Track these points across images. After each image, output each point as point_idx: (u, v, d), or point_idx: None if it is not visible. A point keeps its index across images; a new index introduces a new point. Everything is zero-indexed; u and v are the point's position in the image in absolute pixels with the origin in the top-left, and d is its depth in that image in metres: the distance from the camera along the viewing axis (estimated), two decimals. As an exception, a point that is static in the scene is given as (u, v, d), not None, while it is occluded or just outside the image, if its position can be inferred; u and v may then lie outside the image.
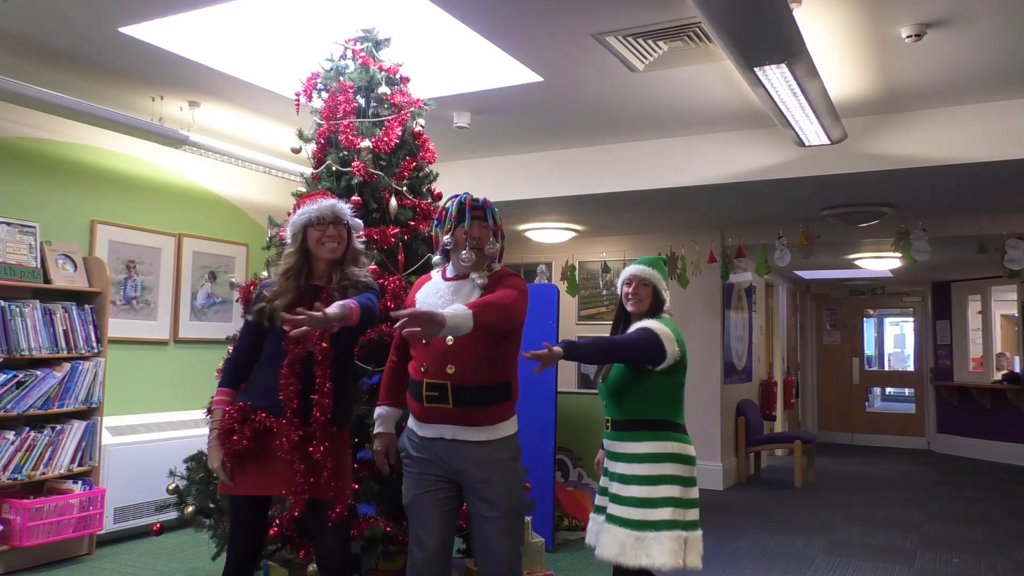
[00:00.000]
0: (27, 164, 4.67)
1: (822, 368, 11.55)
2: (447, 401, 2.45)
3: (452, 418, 2.47)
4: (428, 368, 2.47)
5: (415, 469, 2.55)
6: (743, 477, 7.75)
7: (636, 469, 2.70)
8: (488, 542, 2.46)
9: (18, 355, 4.20)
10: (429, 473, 2.52)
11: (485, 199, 2.62)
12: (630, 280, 2.89)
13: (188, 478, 3.47)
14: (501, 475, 2.49)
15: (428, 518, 2.51)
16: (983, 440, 9.62)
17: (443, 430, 2.49)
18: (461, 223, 2.54)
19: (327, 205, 2.63)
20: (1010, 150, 4.44)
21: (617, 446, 2.79)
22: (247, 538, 2.62)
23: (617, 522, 2.67)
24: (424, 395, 2.47)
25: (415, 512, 2.54)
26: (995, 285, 9.55)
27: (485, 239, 2.56)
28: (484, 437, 2.49)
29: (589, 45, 3.78)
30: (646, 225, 7.22)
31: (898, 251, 6.35)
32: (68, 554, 4.40)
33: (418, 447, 2.54)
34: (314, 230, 2.60)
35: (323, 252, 2.61)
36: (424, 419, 2.52)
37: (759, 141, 5.11)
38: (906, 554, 5.05)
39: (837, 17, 3.43)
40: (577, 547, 4.89)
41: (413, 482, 2.55)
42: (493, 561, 2.46)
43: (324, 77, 3.69)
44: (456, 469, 2.49)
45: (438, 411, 2.47)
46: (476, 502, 2.49)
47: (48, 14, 3.61)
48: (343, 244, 2.65)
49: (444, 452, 2.50)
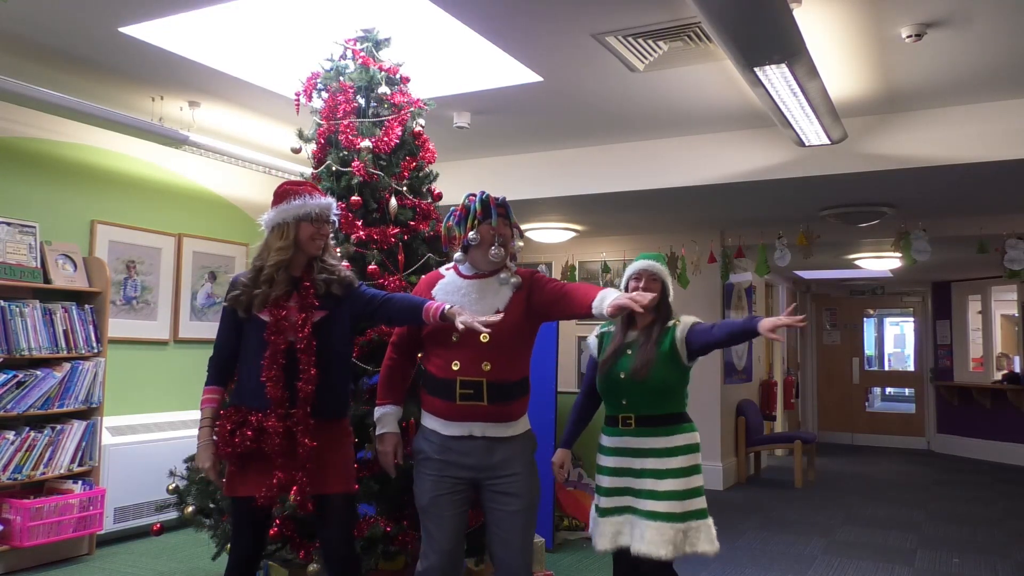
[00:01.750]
0: (27, 164, 4.67)
1: (822, 368, 11.55)
2: (482, 398, 2.46)
3: (485, 415, 2.48)
4: (462, 365, 2.47)
5: (433, 471, 2.52)
6: (743, 477, 7.75)
7: (671, 463, 2.71)
8: (510, 536, 2.48)
9: (18, 355, 4.20)
10: (448, 475, 2.50)
11: (504, 197, 2.62)
12: (639, 275, 2.83)
13: (188, 478, 3.47)
14: (525, 468, 2.54)
15: (446, 520, 2.50)
16: (983, 440, 9.62)
17: (473, 427, 2.49)
18: (488, 219, 2.54)
19: (327, 204, 2.63)
20: (1010, 150, 4.44)
21: (646, 442, 2.74)
22: (248, 539, 2.62)
23: (661, 518, 2.65)
24: (458, 393, 2.46)
25: (432, 514, 2.51)
26: (995, 285, 9.55)
27: (508, 237, 2.58)
28: (512, 432, 2.53)
29: (589, 45, 3.78)
30: (646, 225, 7.22)
31: (898, 251, 6.35)
32: (68, 554, 4.40)
33: (439, 448, 2.51)
34: (309, 226, 2.58)
35: (312, 248, 2.60)
36: (453, 417, 2.50)
37: (759, 141, 5.11)
38: (906, 554, 5.05)
39: (837, 17, 3.43)
40: (577, 547, 4.89)
41: (431, 484, 2.52)
42: (514, 555, 2.48)
43: (324, 77, 3.69)
44: (483, 466, 2.49)
45: (472, 409, 2.48)
46: (498, 497, 2.50)
47: (48, 14, 3.61)
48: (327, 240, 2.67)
49: (472, 450, 2.49)
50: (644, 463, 2.74)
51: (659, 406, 2.77)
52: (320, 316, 2.57)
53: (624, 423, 2.79)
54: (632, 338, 2.82)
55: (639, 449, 2.76)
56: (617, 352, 2.81)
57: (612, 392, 2.83)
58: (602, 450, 2.89)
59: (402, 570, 3.23)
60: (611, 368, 2.81)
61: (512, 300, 2.58)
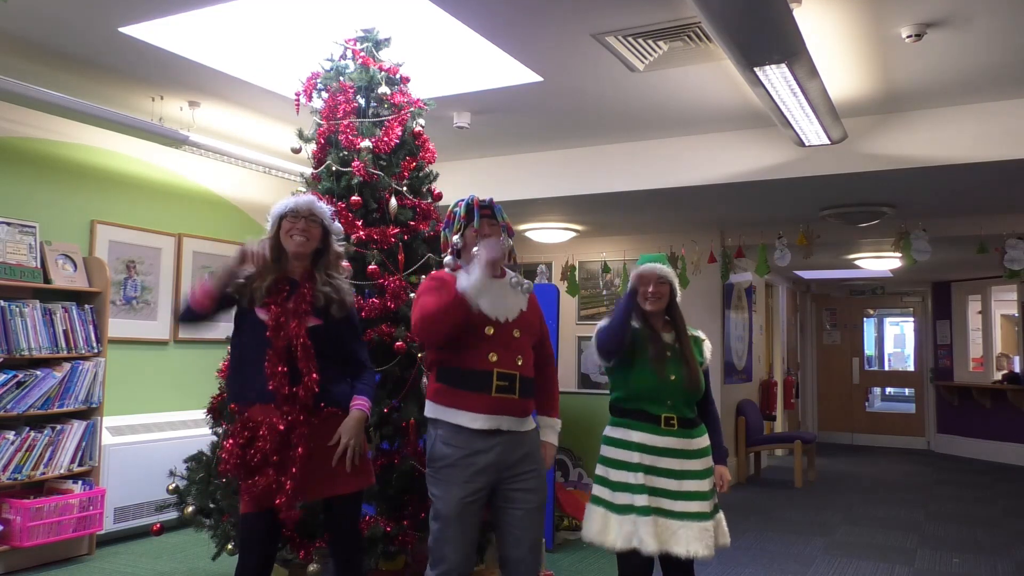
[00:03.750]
0: (27, 164, 4.67)
1: (822, 368, 11.55)
2: (515, 392, 2.51)
3: (514, 409, 2.53)
4: (499, 358, 2.50)
5: (459, 478, 2.48)
6: (743, 477, 7.75)
7: (701, 464, 2.79)
8: (526, 535, 2.52)
9: (18, 355, 4.20)
10: (473, 480, 2.48)
11: (491, 199, 2.66)
12: (647, 279, 2.80)
13: (188, 478, 3.47)
14: (540, 465, 2.61)
15: (469, 527, 2.49)
16: (983, 440, 9.62)
17: (502, 421, 2.51)
18: (470, 223, 2.59)
19: (304, 200, 2.66)
20: (1010, 150, 4.44)
21: (687, 443, 2.78)
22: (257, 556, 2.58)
23: (702, 518, 2.70)
24: (495, 384, 2.49)
25: (457, 521, 2.47)
26: (995, 285, 9.55)
27: (496, 236, 2.59)
28: (527, 427, 2.60)
29: (589, 45, 3.78)
30: (646, 225, 7.22)
31: (898, 251, 6.35)
32: (68, 554, 4.40)
33: (466, 452, 2.48)
34: (286, 221, 2.63)
35: (290, 244, 2.62)
36: (486, 410, 2.49)
37: (759, 141, 5.11)
38: (906, 554, 5.05)
39: (837, 17, 3.43)
40: (577, 547, 4.89)
41: (457, 490, 2.47)
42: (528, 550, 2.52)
43: (324, 77, 3.69)
44: (504, 465, 2.51)
45: (505, 402, 2.50)
46: (515, 494, 2.53)
47: (48, 14, 3.61)
48: (313, 241, 2.64)
49: (496, 447, 2.50)
50: (685, 464, 2.75)
51: (694, 410, 2.86)
52: (314, 323, 2.59)
53: (667, 423, 2.77)
54: (666, 341, 2.84)
55: (681, 450, 2.76)
56: (661, 354, 2.80)
57: (659, 392, 2.78)
58: (622, 444, 2.79)
59: (402, 570, 3.23)
60: (662, 370, 2.78)
61: (530, 305, 2.67)
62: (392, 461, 3.28)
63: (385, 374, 3.33)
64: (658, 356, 2.79)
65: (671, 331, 2.86)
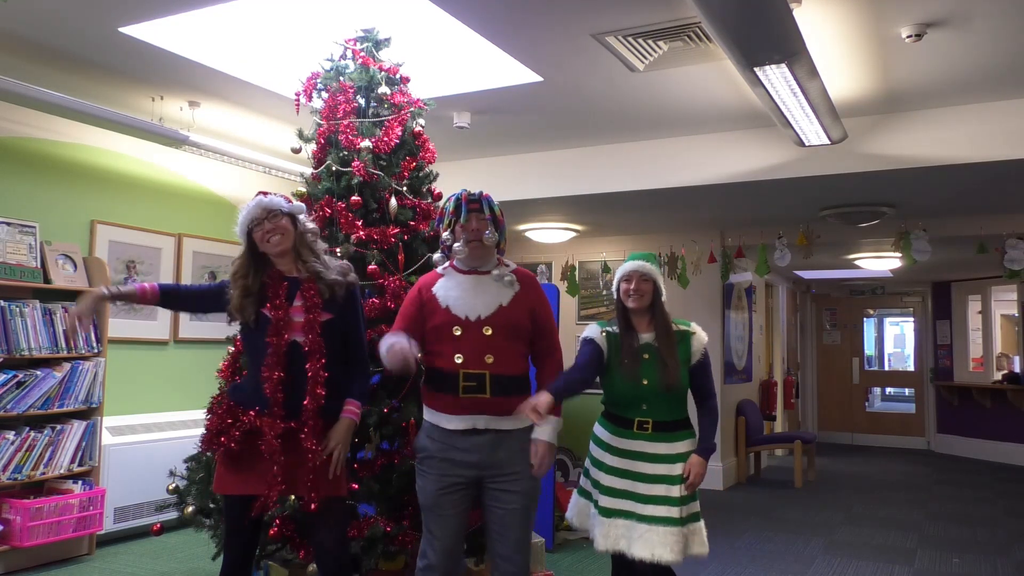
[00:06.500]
0: (27, 164, 4.67)
1: (822, 368, 11.54)
2: (485, 391, 2.50)
3: (488, 407, 2.51)
4: (465, 358, 2.49)
5: (436, 470, 2.54)
6: (743, 477, 7.75)
7: (677, 468, 2.75)
8: (509, 533, 2.51)
9: (18, 355, 4.20)
10: (451, 474, 2.52)
11: (482, 192, 2.67)
12: (629, 276, 2.85)
13: (188, 478, 3.47)
14: (526, 466, 2.56)
15: (448, 518, 2.52)
16: (983, 440, 9.62)
17: (476, 420, 2.51)
18: (458, 218, 2.60)
19: (253, 204, 2.61)
20: (1010, 150, 4.44)
21: (659, 447, 2.77)
22: (239, 538, 2.62)
23: (668, 523, 2.68)
24: (461, 385, 2.49)
25: (435, 512, 2.54)
26: (995, 285, 9.55)
27: (483, 229, 2.59)
28: (515, 426, 2.56)
29: (589, 45, 3.78)
30: (646, 225, 7.22)
31: (898, 251, 6.35)
32: (68, 554, 4.40)
33: (443, 446, 2.53)
34: (255, 232, 2.61)
35: (271, 248, 2.61)
36: (455, 410, 2.52)
37: (759, 141, 5.11)
38: (906, 554, 5.05)
39: (837, 17, 3.43)
40: (577, 547, 4.89)
41: (433, 481, 2.54)
42: (515, 551, 2.51)
43: (324, 77, 3.69)
44: (486, 464, 2.51)
45: (474, 401, 2.50)
46: (500, 495, 2.52)
47: (48, 14, 3.61)
48: (288, 234, 2.61)
49: (475, 447, 2.51)
50: (656, 468, 2.75)
51: (674, 412, 2.81)
52: (326, 318, 2.58)
53: (641, 427, 2.79)
54: (645, 341, 2.82)
55: (653, 454, 2.77)
56: (635, 358, 2.79)
57: (633, 397, 2.80)
58: (604, 447, 2.86)
59: (402, 570, 3.23)
60: (634, 375, 2.78)
61: (515, 297, 2.61)
62: (392, 461, 3.28)
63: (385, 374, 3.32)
64: (630, 362, 2.79)
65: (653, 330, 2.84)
